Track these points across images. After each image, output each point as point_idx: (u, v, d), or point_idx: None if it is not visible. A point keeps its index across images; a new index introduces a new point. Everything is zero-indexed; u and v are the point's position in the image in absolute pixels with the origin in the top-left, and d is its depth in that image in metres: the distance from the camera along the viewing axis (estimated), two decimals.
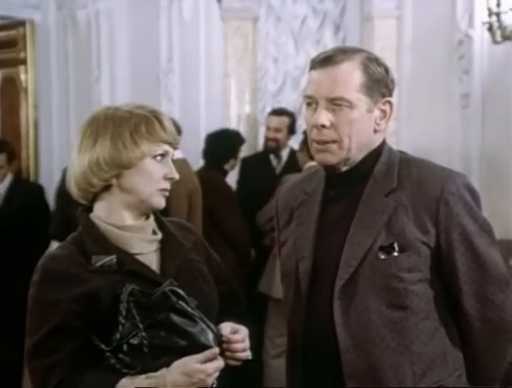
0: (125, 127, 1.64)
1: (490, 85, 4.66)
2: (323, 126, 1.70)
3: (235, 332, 1.69)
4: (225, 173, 4.54)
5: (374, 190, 1.73)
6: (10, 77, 6.37)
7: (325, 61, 1.70)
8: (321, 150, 1.73)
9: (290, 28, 5.59)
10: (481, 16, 4.44)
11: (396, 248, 1.66)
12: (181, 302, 1.60)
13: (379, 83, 1.71)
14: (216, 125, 4.94)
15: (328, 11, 5.52)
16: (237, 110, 5.38)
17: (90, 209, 1.72)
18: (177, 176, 1.71)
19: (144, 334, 1.55)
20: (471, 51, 4.69)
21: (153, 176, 1.67)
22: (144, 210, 1.72)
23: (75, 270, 1.62)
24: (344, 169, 1.76)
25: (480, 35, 4.60)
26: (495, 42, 4.28)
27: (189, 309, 1.61)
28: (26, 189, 4.93)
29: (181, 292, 1.61)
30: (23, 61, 6.29)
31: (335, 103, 1.69)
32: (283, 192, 1.97)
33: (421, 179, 1.72)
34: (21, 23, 6.23)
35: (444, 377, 1.72)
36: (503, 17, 4.16)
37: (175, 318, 1.58)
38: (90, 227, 1.69)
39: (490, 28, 4.23)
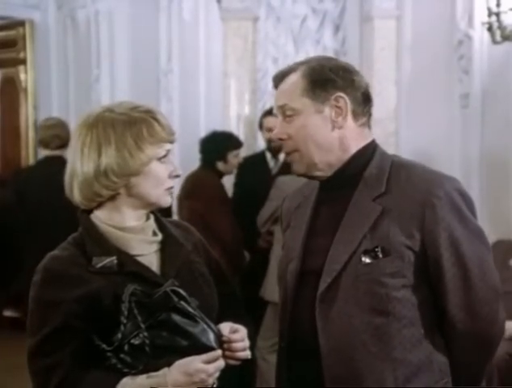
0: (127, 134, 1.63)
1: (490, 85, 4.66)
2: (281, 139, 1.78)
3: (234, 332, 1.69)
4: (221, 174, 4.55)
5: (363, 194, 1.73)
6: (10, 77, 6.38)
7: (276, 78, 1.81)
8: (290, 161, 1.81)
9: (290, 28, 5.59)
10: (481, 16, 4.43)
11: (380, 252, 1.65)
12: (182, 302, 1.61)
13: (324, 84, 1.74)
14: (215, 125, 4.95)
15: (327, 11, 5.52)
16: (237, 110, 5.38)
17: (89, 210, 1.72)
18: (180, 172, 1.73)
19: (145, 334, 1.55)
20: (470, 51, 4.69)
21: (160, 178, 1.68)
22: (151, 210, 1.74)
23: (76, 271, 1.62)
24: (329, 173, 1.78)
25: (480, 35, 4.60)
26: (495, 42, 4.27)
27: (190, 310, 1.61)
28: None
29: (182, 292, 1.62)
30: (23, 61, 6.29)
31: (286, 115, 1.76)
32: (289, 196, 2.00)
33: (409, 182, 1.70)
34: (21, 23, 6.24)
35: (430, 384, 1.70)
36: (503, 17, 4.15)
37: (177, 318, 1.59)
38: (90, 228, 1.69)
39: (490, 28, 4.22)
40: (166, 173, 1.69)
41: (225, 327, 1.69)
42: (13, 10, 6.12)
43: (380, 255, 1.65)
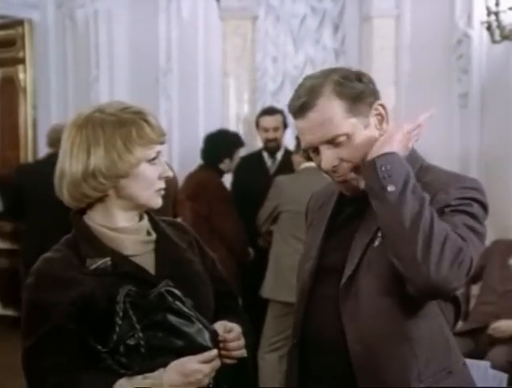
0: (117, 136, 1.62)
1: (489, 84, 4.65)
2: (334, 166, 1.70)
3: (229, 331, 1.68)
4: (221, 173, 4.54)
5: None
6: (9, 76, 6.37)
7: (301, 109, 1.69)
8: (343, 182, 1.73)
9: (289, 28, 5.59)
10: (480, 15, 4.43)
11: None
12: (177, 302, 1.60)
13: (361, 97, 1.70)
14: (214, 125, 4.94)
15: (327, 11, 5.52)
16: (236, 109, 5.38)
17: (82, 211, 1.71)
18: (171, 174, 1.71)
19: (140, 334, 1.55)
20: (469, 50, 4.69)
21: (150, 180, 1.67)
22: (142, 211, 1.73)
23: (70, 273, 1.62)
24: None
25: (479, 34, 4.60)
26: (494, 41, 4.27)
27: (185, 310, 1.61)
28: None
29: (177, 292, 1.61)
30: (22, 61, 6.29)
31: (334, 143, 1.68)
32: (314, 195, 2.00)
33: (428, 181, 1.68)
34: (19, 23, 6.23)
35: (450, 364, 1.71)
36: (502, 16, 4.15)
37: (172, 318, 1.58)
38: (83, 230, 1.68)
39: (489, 28, 4.22)
40: (156, 174, 1.67)
41: (220, 327, 1.68)
42: (12, 10, 6.11)
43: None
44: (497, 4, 4.14)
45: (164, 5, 5.72)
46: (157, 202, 1.70)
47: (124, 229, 1.69)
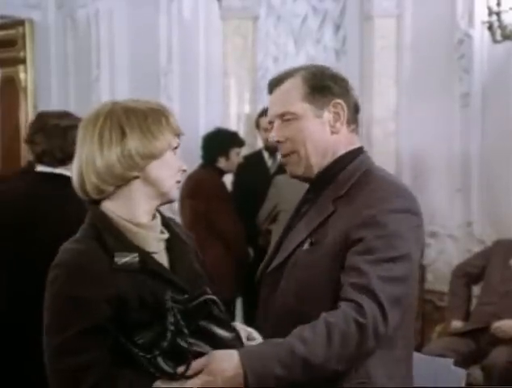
0: (149, 119, 1.65)
1: (490, 84, 4.65)
2: (279, 141, 1.84)
3: (251, 338, 1.69)
4: (222, 172, 4.55)
5: (329, 194, 1.80)
6: (10, 76, 6.38)
7: (271, 85, 1.87)
8: (286, 163, 1.88)
9: (290, 27, 5.59)
10: (481, 15, 4.43)
11: (317, 245, 1.74)
12: (217, 310, 1.58)
13: (323, 90, 1.81)
14: (215, 125, 4.94)
15: (328, 10, 5.52)
16: (237, 109, 5.38)
17: (98, 203, 1.67)
18: (186, 168, 1.74)
19: (191, 340, 1.52)
20: (471, 50, 4.68)
21: (173, 167, 1.69)
22: (162, 203, 1.71)
23: (100, 267, 1.57)
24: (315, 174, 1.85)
25: (480, 34, 4.59)
26: (495, 41, 4.26)
27: (223, 317, 1.59)
28: None
29: (216, 299, 1.60)
30: (23, 61, 6.29)
31: (285, 119, 1.82)
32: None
33: (364, 192, 1.74)
34: (20, 23, 6.24)
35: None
36: (503, 16, 4.15)
37: (212, 326, 1.57)
38: (107, 222, 1.64)
39: (490, 27, 4.22)
40: (178, 165, 1.70)
41: (243, 332, 1.68)
42: (13, 10, 6.12)
43: (316, 246, 1.74)
44: (498, 4, 4.14)
45: (165, 5, 5.72)
46: (175, 194, 1.72)
47: (144, 225, 1.66)
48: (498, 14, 4.15)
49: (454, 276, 4.31)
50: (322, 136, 1.81)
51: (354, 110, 1.86)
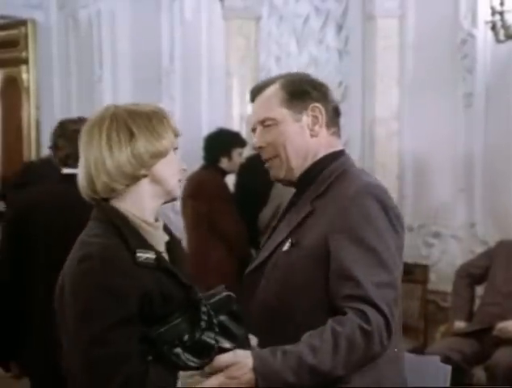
0: (154, 120, 1.71)
1: (493, 84, 4.64)
2: (261, 147, 1.91)
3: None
4: (224, 173, 4.54)
5: (308, 195, 1.86)
6: (12, 76, 6.38)
7: (253, 94, 1.94)
8: (269, 167, 1.95)
9: (292, 27, 5.58)
10: (484, 15, 4.41)
11: (296, 245, 1.79)
12: (235, 306, 1.68)
13: (301, 96, 1.87)
14: (217, 125, 4.93)
15: (330, 11, 5.51)
16: (239, 109, 5.37)
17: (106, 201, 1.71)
18: (186, 167, 1.79)
19: (217, 337, 1.60)
20: (474, 50, 4.67)
21: (176, 166, 1.75)
22: (166, 201, 1.77)
23: (128, 262, 1.61)
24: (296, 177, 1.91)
25: (484, 34, 4.58)
26: (498, 41, 4.26)
27: (240, 314, 1.68)
28: None
29: (234, 296, 1.69)
30: (25, 61, 6.30)
31: (265, 125, 1.89)
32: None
33: (339, 189, 1.79)
34: (23, 23, 6.25)
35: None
36: (506, 16, 4.14)
37: (230, 321, 1.66)
38: (125, 219, 1.68)
39: (493, 27, 4.21)
40: (178, 164, 1.76)
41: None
42: (15, 10, 6.13)
43: (295, 248, 1.78)
44: (501, 4, 4.13)
45: (167, 5, 5.72)
46: (178, 193, 1.77)
47: (152, 224, 1.72)
48: (501, 13, 4.14)
49: (457, 277, 4.31)
50: (302, 139, 1.87)
51: (334, 114, 1.91)
